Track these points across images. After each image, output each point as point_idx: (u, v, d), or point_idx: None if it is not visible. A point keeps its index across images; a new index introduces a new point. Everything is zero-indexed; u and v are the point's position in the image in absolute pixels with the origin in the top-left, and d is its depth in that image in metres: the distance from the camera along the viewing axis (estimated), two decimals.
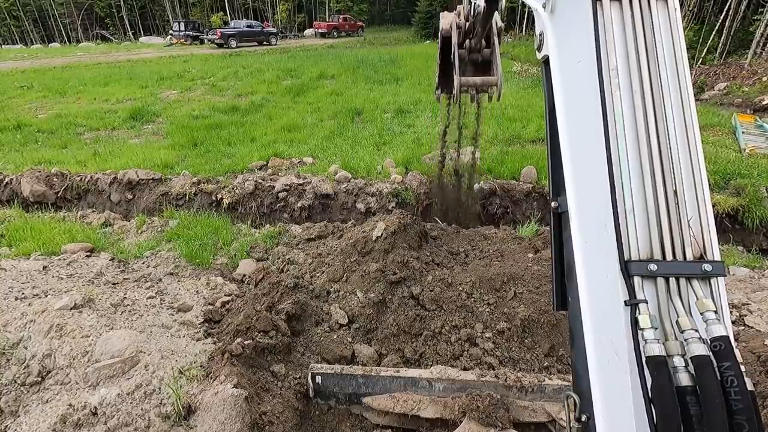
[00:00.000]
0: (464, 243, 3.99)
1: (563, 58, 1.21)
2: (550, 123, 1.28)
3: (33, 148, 8.15)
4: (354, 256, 3.34)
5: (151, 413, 2.05)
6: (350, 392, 2.46)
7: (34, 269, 3.56)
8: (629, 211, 1.04)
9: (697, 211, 1.06)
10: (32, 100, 12.64)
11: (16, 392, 2.18)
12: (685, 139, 1.09)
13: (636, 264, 1.01)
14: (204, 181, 6.13)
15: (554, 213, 1.28)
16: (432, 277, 3.18)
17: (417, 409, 2.35)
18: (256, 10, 51.42)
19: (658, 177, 1.06)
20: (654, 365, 0.92)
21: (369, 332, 2.90)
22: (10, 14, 49.33)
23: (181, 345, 2.54)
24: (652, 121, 1.08)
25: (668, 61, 1.12)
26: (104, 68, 19.36)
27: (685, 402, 0.88)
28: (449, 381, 2.38)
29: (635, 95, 1.10)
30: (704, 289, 1.00)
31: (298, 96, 11.66)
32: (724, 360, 0.88)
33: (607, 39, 1.12)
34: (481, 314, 2.91)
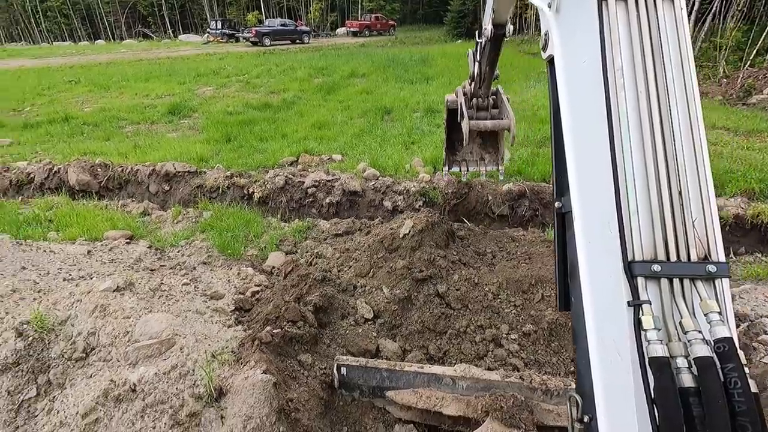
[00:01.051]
0: (491, 244, 3.96)
1: (568, 58, 1.21)
2: (554, 123, 1.28)
3: (79, 139, 8.60)
4: (381, 253, 3.38)
5: (185, 393, 2.15)
6: (374, 385, 2.50)
7: (80, 253, 3.78)
8: (633, 211, 1.03)
9: (701, 212, 1.05)
10: (79, 94, 13.33)
11: (63, 366, 2.33)
12: (691, 140, 1.08)
13: (639, 264, 1.00)
14: (236, 174, 6.31)
15: (558, 213, 1.28)
16: (458, 276, 3.18)
17: (440, 405, 2.36)
18: (290, 8, 52.30)
19: (662, 177, 1.05)
20: (657, 366, 0.91)
21: (394, 328, 2.94)
22: (61, 12, 52.10)
23: (213, 330, 2.64)
24: (657, 121, 1.07)
25: (674, 61, 1.10)
26: (145, 65, 20.19)
27: (688, 403, 0.88)
28: (473, 380, 2.39)
29: (640, 96, 1.09)
30: (708, 290, 0.99)
31: (328, 94, 11.81)
32: (728, 361, 0.87)
33: (613, 39, 1.11)
34: (507, 315, 2.89)
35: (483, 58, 2.94)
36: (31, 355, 2.34)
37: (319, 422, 2.34)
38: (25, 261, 3.21)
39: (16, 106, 11.80)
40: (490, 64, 2.96)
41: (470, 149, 3.87)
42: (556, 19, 1.24)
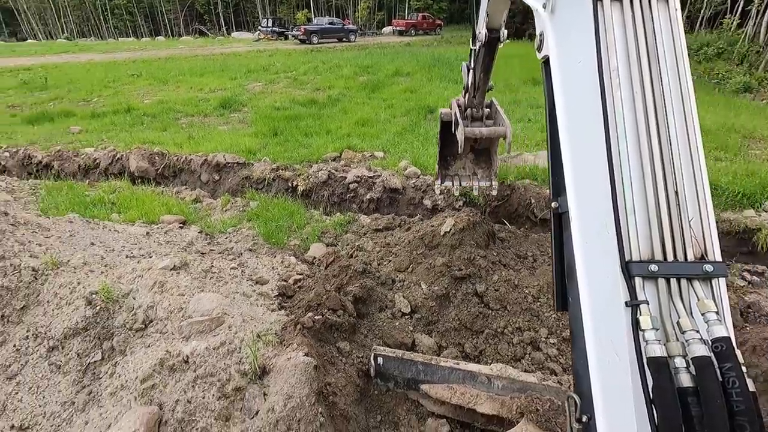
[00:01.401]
0: (532, 247, 3.90)
1: (563, 59, 1.20)
2: (550, 124, 1.27)
3: (139, 129, 9.19)
4: (421, 249, 3.41)
5: (232, 368, 2.28)
6: (409, 377, 2.54)
7: (139, 234, 4.07)
8: (630, 211, 1.03)
9: (698, 212, 1.05)
10: (140, 87, 14.21)
11: (125, 335, 2.54)
12: (686, 140, 1.08)
13: (637, 265, 1.00)
14: (282, 167, 6.53)
15: (555, 213, 1.27)
16: (498, 276, 3.16)
17: (474, 403, 2.37)
18: (339, 7, 53.12)
19: (659, 177, 1.05)
20: (655, 366, 0.92)
21: (430, 323, 2.97)
22: (127, 10, 55.67)
23: (258, 312, 2.78)
24: (653, 121, 1.07)
25: (669, 61, 1.10)
26: (200, 60, 21.19)
27: (687, 403, 0.88)
28: (509, 380, 2.38)
29: (636, 95, 1.09)
30: (705, 290, 0.99)
31: (373, 92, 11.94)
32: (726, 361, 0.88)
33: (608, 39, 1.10)
34: (547, 320, 2.85)
35: (477, 65, 2.86)
36: (98, 322, 2.57)
37: (355, 408, 2.42)
38: (93, 237, 3.51)
39: (86, 97, 12.76)
40: (485, 71, 2.87)
41: (463, 164, 3.77)
42: (551, 19, 1.24)
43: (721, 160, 6.01)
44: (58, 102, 12.21)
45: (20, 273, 2.77)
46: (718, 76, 14.73)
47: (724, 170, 5.38)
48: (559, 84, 1.20)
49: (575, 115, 1.15)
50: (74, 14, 57.37)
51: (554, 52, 1.22)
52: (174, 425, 2.11)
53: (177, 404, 2.16)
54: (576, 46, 1.16)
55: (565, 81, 1.19)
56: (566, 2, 1.21)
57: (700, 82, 14.20)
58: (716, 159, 6.08)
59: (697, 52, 17.80)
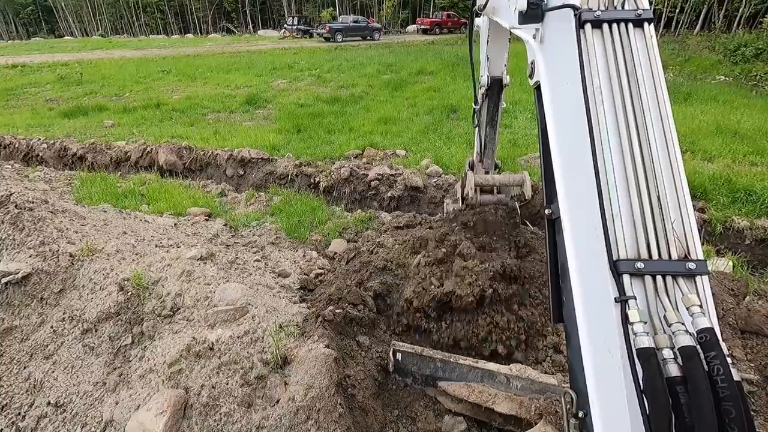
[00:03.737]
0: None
1: (552, 81, 1.33)
2: (543, 142, 1.37)
3: (168, 124, 9.47)
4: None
5: (254, 357, 2.35)
6: (427, 374, 2.56)
7: (168, 224, 4.21)
8: (616, 215, 1.12)
9: (679, 214, 1.12)
10: (169, 83, 14.62)
11: (154, 321, 2.64)
12: (666, 149, 1.17)
13: (624, 263, 1.07)
14: (305, 164, 6.62)
15: (548, 219, 1.36)
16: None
17: (491, 402, 2.37)
18: (363, 5, 53.27)
19: (642, 184, 1.13)
20: (644, 357, 0.96)
21: None
22: (158, 8, 57.22)
23: (281, 304, 2.84)
24: (634, 133, 1.18)
25: (647, 79, 1.22)
26: (227, 57, 21.63)
27: (675, 392, 0.92)
28: (528, 381, 2.37)
29: (618, 111, 1.20)
30: (689, 286, 1.06)
31: (395, 90, 11.95)
32: (710, 350, 0.92)
33: (591, 62, 1.23)
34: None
35: (481, 121, 2.73)
36: (129, 308, 2.68)
37: (373, 402, 2.45)
38: (125, 227, 3.65)
39: (118, 92, 13.21)
40: (491, 123, 2.71)
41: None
42: (540, 49, 1.38)
43: (756, 165, 5.78)
44: (92, 97, 12.70)
45: (58, 258, 2.91)
46: (756, 77, 14.13)
47: (759, 176, 5.18)
48: (549, 104, 1.32)
49: (564, 130, 1.28)
50: (108, 12, 59.37)
51: (544, 77, 1.35)
52: (199, 409, 2.19)
53: (202, 389, 2.24)
54: (563, 69, 1.28)
55: (555, 101, 1.31)
56: (553, 32, 1.35)
57: (737, 83, 13.65)
58: (751, 164, 5.86)
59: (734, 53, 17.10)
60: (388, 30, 42.54)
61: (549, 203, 1.35)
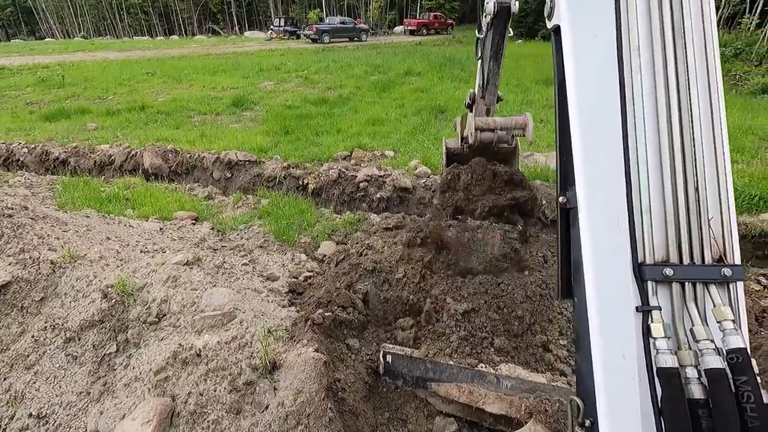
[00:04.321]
0: (543, 248, 3.87)
1: (577, 31, 1.04)
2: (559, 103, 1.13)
3: (153, 126, 9.32)
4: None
5: (243, 363, 2.32)
6: (417, 375, 2.56)
7: (153, 229, 4.14)
8: (645, 208, 0.96)
9: (719, 210, 0.97)
10: (154, 85, 14.41)
11: (139, 328, 2.59)
12: (711, 130, 0.98)
13: (650, 268, 0.94)
14: (293, 166, 6.58)
15: (562, 209, 1.15)
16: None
17: (482, 402, 2.38)
18: (350, 6, 53.23)
19: (678, 171, 0.95)
20: (666, 377, 0.88)
21: None
22: (142, 9, 56.44)
23: (269, 308, 2.81)
24: (675, 108, 0.96)
25: (697, 40, 0.98)
26: (213, 59, 21.40)
27: (697, 415, 0.84)
28: (518, 380, 2.38)
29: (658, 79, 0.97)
30: (722, 295, 0.93)
31: (383, 91, 11.95)
32: (741, 374, 0.84)
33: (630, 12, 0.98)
34: (558, 320, 2.84)
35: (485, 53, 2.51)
36: (113, 315, 2.62)
37: (363, 405, 2.44)
38: (109, 232, 3.58)
39: (101, 95, 12.98)
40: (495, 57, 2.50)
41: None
42: None
43: (737, 162, 5.91)
44: (74, 99, 12.45)
45: (39, 266, 2.84)
46: (736, 77, 14.46)
47: (740, 172, 5.29)
48: (571, 60, 1.05)
49: (588, 97, 1.02)
50: (91, 13, 58.37)
51: (567, 22, 1.07)
52: (186, 417, 2.15)
53: (189, 396, 2.20)
54: (592, 17, 1.02)
55: (578, 57, 1.04)
56: None
57: None
58: (732, 161, 5.98)
59: None
60: (375, 31, 42.57)
61: (564, 190, 1.14)
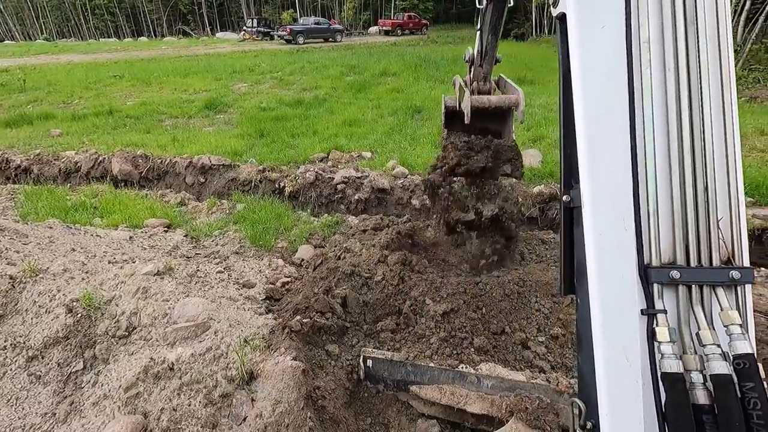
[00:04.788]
0: (520, 245, 3.92)
1: (584, 19, 1.00)
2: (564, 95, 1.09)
3: (122, 131, 9.01)
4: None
5: (218, 374, 2.24)
6: (399, 379, 2.53)
7: (123, 238, 3.99)
8: (652, 207, 0.93)
9: (728, 211, 0.95)
10: (122, 88, 13.95)
11: (107, 343, 2.48)
12: (722, 127, 0.95)
13: (656, 270, 0.92)
14: (269, 169, 6.47)
15: (566, 208, 1.13)
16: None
17: (463, 403, 2.37)
18: (324, 7, 52.93)
19: (687, 170, 0.93)
20: (670, 382, 0.87)
21: None
22: (108, 10, 54.64)
23: (245, 317, 2.74)
24: (685, 104, 0.93)
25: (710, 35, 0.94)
26: (184, 61, 20.89)
27: (701, 421, 0.83)
28: (498, 379, 2.38)
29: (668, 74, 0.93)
30: (729, 299, 0.91)
31: (359, 92, 11.91)
32: (748, 380, 0.82)
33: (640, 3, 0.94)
34: (536, 317, 2.86)
35: (484, 26, 2.57)
36: (79, 330, 2.50)
37: (344, 411, 2.40)
38: (74, 243, 3.42)
39: (66, 99, 12.48)
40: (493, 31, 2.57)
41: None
42: None
43: None
44: (37, 104, 11.92)
45: None
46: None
47: None
48: (576, 52, 1.00)
49: (594, 91, 0.98)
50: (53, 14, 56.12)
51: (573, 10, 1.01)
52: None
53: (162, 413, 2.12)
54: (601, 6, 0.98)
55: (585, 48, 1.00)
56: None
57: None
58: None
59: None
60: (350, 32, 42.44)
61: (568, 187, 1.12)
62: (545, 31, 35.48)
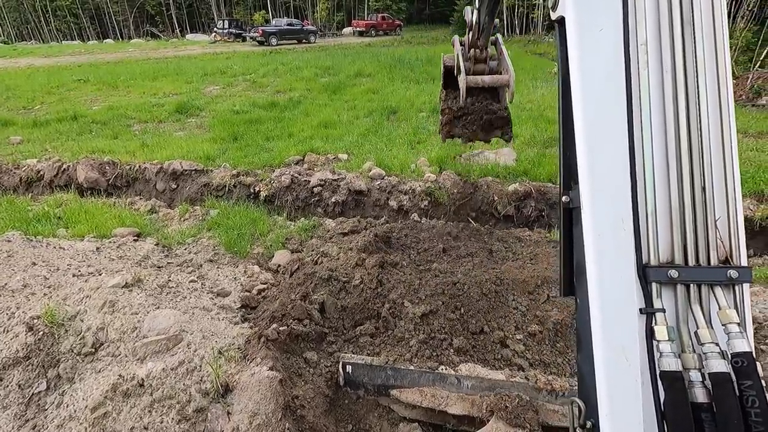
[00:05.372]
0: (497, 243, 3.95)
1: (583, 23, 1.02)
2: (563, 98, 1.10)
3: (87, 137, 8.67)
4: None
5: (192, 389, 2.17)
6: (379, 383, 2.51)
7: (89, 249, 3.82)
8: (651, 207, 0.94)
9: (726, 211, 0.95)
10: (88, 92, 13.44)
11: (72, 361, 2.36)
12: (719, 128, 0.96)
13: (655, 270, 0.93)
14: (243, 173, 6.34)
15: (565, 209, 1.14)
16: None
17: (444, 404, 2.37)
18: (297, 8, 52.45)
19: (685, 170, 0.93)
20: (669, 380, 0.87)
21: None
22: (71, 12, 52.60)
23: (220, 327, 2.66)
24: (683, 105, 0.94)
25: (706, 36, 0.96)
26: (153, 64, 20.31)
27: (700, 419, 0.84)
28: (478, 379, 2.39)
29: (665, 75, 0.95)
30: (728, 298, 0.92)
31: (334, 93, 11.84)
32: (746, 378, 0.83)
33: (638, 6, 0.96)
34: (513, 315, 2.89)
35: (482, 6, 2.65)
36: (41, 349, 2.37)
37: (325, 419, 2.36)
38: (35, 257, 3.26)
39: (27, 104, 11.93)
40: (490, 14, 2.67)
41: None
42: None
43: None
44: None
45: None
46: None
47: None
48: (575, 54, 1.02)
49: (593, 93, 1.00)
50: (11, 16, 53.63)
51: (571, 14, 1.03)
52: None
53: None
54: (598, 9, 1.00)
55: (583, 50, 1.01)
56: None
57: None
58: None
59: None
60: (323, 33, 42.21)
61: (567, 189, 1.12)
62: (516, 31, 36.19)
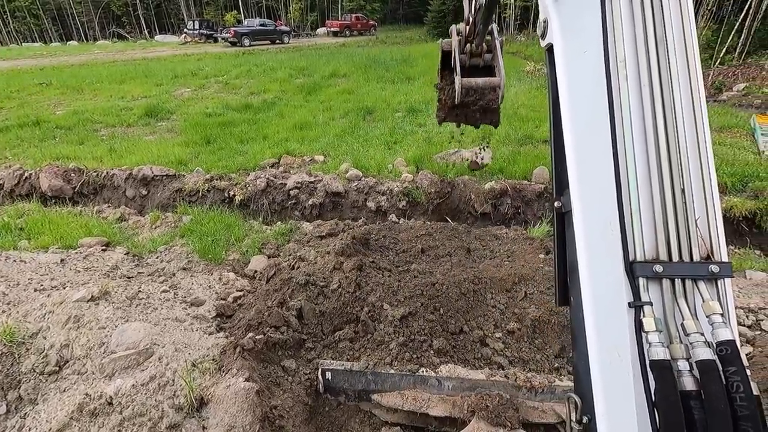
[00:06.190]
0: (475, 242, 3.98)
1: (568, 47, 1.14)
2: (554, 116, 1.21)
3: (51, 144, 8.31)
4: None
5: (164, 404, 2.08)
6: (359, 389, 2.47)
7: (52, 262, 3.64)
8: (635, 209, 1.01)
9: (705, 210, 1.03)
10: (50, 97, 12.89)
11: (35, 381, 2.24)
12: (695, 135, 1.04)
13: (641, 265, 0.99)
14: (217, 177, 6.20)
15: (557, 213, 1.22)
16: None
17: (426, 407, 2.35)
18: (269, 8, 51.75)
19: (665, 174, 1.02)
20: (658, 370, 0.91)
21: None
22: (30, 13, 50.38)
23: (194, 338, 2.58)
24: (660, 115, 1.03)
25: (678, 52, 1.06)
26: (120, 66, 19.66)
27: (689, 406, 0.87)
28: (458, 380, 2.39)
29: (643, 88, 1.05)
30: (711, 291, 0.98)
31: (310, 94, 11.72)
32: (730, 365, 0.87)
33: (615, 28, 1.06)
34: (492, 314, 2.90)
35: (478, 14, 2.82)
36: (0, 370, 2.24)
37: (305, 429, 2.31)
38: None
39: None
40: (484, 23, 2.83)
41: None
42: (555, 5, 1.17)
43: None
44: None
45: None
46: None
47: None
48: (563, 75, 1.14)
49: (580, 108, 1.11)
50: None
51: (559, 41, 1.15)
52: None
53: None
54: (581, 34, 1.12)
55: (570, 72, 1.13)
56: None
57: None
58: None
59: None
60: (297, 33, 41.75)
61: (559, 194, 1.20)
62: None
